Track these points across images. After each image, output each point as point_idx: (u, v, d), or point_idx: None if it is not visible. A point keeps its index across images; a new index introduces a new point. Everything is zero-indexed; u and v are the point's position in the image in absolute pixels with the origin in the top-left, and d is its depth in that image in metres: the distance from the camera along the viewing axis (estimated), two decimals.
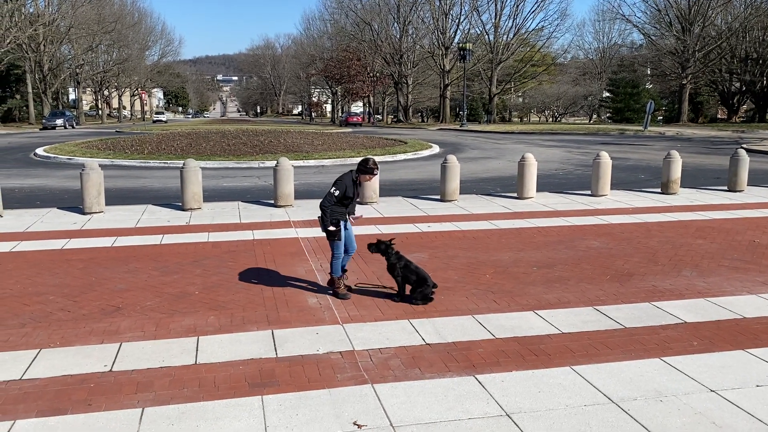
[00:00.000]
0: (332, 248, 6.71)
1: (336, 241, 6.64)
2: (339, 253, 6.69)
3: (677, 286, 7.20)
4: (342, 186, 6.49)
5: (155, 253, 8.71)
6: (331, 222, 6.52)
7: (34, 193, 15.08)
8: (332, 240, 6.65)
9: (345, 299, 6.64)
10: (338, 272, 6.76)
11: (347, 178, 6.56)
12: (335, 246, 6.67)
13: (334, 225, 6.53)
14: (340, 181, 6.53)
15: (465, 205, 12.59)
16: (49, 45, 63.25)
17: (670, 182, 14.06)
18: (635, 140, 34.80)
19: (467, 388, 4.65)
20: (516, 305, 6.51)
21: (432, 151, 27.43)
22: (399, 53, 72.29)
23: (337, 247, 6.67)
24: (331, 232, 6.56)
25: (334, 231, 6.55)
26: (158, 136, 31.01)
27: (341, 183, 6.51)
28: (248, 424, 4.13)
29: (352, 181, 6.59)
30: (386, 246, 6.61)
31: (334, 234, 6.57)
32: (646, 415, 4.25)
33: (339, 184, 6.50)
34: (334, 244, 6.66)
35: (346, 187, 6.53)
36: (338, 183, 6.52)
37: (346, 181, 6.54)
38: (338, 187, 6.48)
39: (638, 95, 65.30)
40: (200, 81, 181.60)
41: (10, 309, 6.38)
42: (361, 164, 6.63)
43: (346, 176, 6.60)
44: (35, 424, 4.12)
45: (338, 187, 6.48)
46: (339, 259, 6.72)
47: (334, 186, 6.52)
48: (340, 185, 6.49)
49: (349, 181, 6.55)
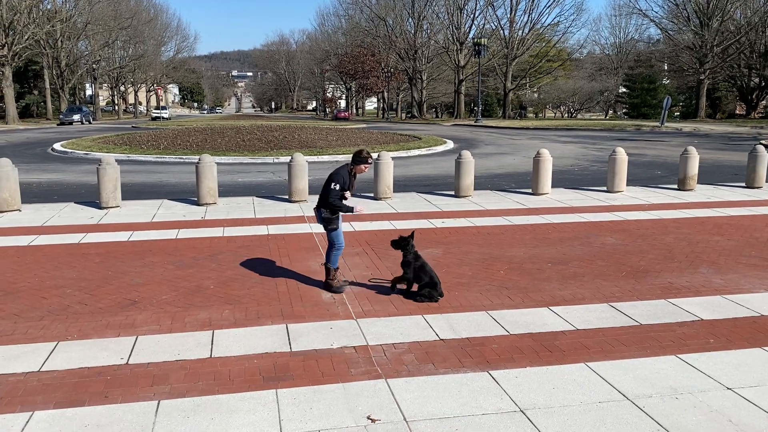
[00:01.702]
0: (333, 240, 6.76)
1: (336, 231, 6.69)
2: (340, 244, 6.75)
3: (694, 283, 7.13)
4: (340, 179, 6.53)
5: (171, 248, 8.77)
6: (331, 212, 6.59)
7: (51, 187, 15.24)
8: (332, 230, 6.69)
9: (339, 293, 6.68)
10: (336, 264, 6.80)
11: (343, 171, 6.61)
12: (336, 236, 6.72)
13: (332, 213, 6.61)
14: (336, 175, 6.55)
15: (479, 201, 12.56)
16: (66, 41, 63.86)
17: (687, 178, 13.92)
18: (651, 136, 34.50)
19: (481, 383, 4.65)
20: (530, 301, 6.49)
21: (446, 147, 27.37)
22: (413, 49, 72.16)
23: (337, 237, 6.73)
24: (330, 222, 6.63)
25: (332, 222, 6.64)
26: (174, 132, 31.21)
27: (338, 176, 6.54)
28: (262, 417, 4.16)
29: (348, 173, 6.65)
30: (406, 242, 6.61)
31: (333, 223, 6.63)
32: (662, 413, 4.22)
33: (337, 178, 6.52)
34: (334, 234, 6.72)
35: (344, 180, 6.57)
36: (336, 177, 6.53)
37: (342, 173, 6.58)
38: (337, 181, 6.50)
39: (655, 91, 64.72)
40: (215, 77, 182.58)
41: (29, 302, 6.46)
42: (356, 155, 6.66)
43: (341, 169, 6.64)
44: (53, 416, 4.17)
45: (337, 180, 6.51)
46: (340, 250, 6.77)
47: (332, 181, 6.52)
48: (338, 178, 6.52)
49: (345, 173, 6.61)
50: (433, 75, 76.74)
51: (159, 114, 76.73)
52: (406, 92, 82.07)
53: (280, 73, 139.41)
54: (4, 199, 11.21)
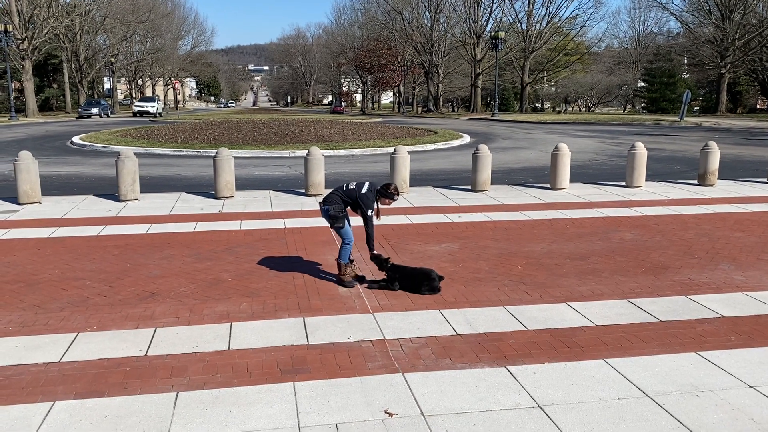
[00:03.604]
0: (341, 236, 6.82)
1: (343, 228, 6.74)
2: (349, 239, 6.79)
3: (714, 279, 7.04)
4: (371, 204, 6.62)
5: (189, 240, 8.83)
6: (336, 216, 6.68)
7: (71, 180, 15.39)
8: (338, 228, 6.76)
9: (350, 287, 6.70)
10: (346, 259, 6.82)
11: (371, 196, 6.66)
12: (344, 233, 6.77)
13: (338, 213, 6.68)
14: (367, 200, 6.61)
15: (496, 195, 12.50)
16: (84, 35, 64.38)
17: (708, 174, 13.75)
18: (671, 131, 34.10)
19: (499, 379, 4.63)
20: (548, 297, 6.45)
21: (463, 141, 27.25)
22: (430, 42, 71.87)
23: (345, 233, 6.77)
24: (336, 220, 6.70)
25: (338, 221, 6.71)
26: (191, 126, 31.38)
27: (369, 201, 6.62)
28: (280, 410, 4.17)
29: (375, 200, 6.72)
30: (380, 263, 6.75)
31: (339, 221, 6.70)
32: (682, 410, 4.17)
33: (368, 203, 6.61)
34: (342, 231, 6.77)
35: (373, 204, 6.67)
36: (367, 201, 6.61)
37: (371, 198, 6.65)
38: (369, 207, 6.61)
39: (674, 85, 63.93)
40: (232, 71, 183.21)
41: (49, 293, 6.53)
42: (384, 188, 6.77)
43: (370, 194, 6.66)
44: (74, 406, 4.21)
45: (369, 206, 6.61)
46: (350, 245, 6.79)
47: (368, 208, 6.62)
48: (369, 203, 6.61)
49: (373, 198, 6.68)
50: (449, 69, 76.40)
51: (143, 108, 58.13)
52: (422, 86, 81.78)
53: (296, 67, 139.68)
54: (25, 191, 11.35)
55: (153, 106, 58.75)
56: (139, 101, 64.40)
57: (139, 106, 59.85)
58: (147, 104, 59.75)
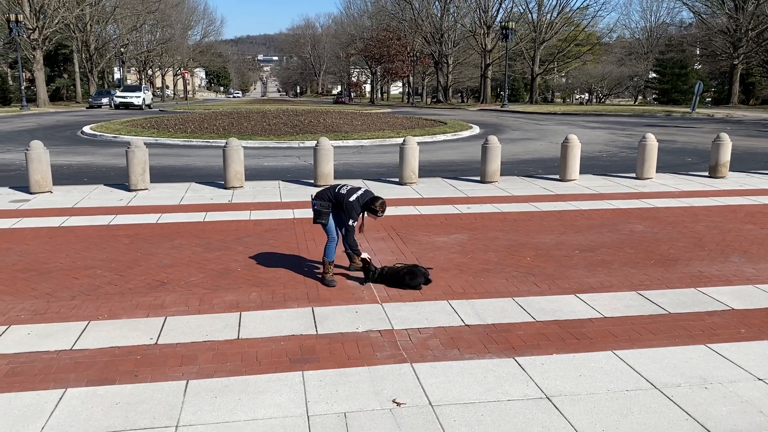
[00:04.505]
0: (327, 233, 6.67)
1: (326, 225, 6.60)
2: (333, 236, 6.65)
3: (725, 272, 7.01)
4: (355, 215, 6.40)
5: (199, 230, 8.87)
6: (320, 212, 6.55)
7: (81, 170, 15.48)
8: (323, 225, 6.61)
9: (332, 286, 6.49)
10: (331, 256, 6.64)
11: (357, 206, 6.42)
12: (327, 230, 6.63)
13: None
14: (353, 209, 6.39)
15: (506, 186, 12.47)
16: (95, 25, 64.52)
17: (719, 165, 13.65)
18: (682, 122, 33.84)
19: (507, 369, 4.63)
20: (557, 288, 6.44)
21: (472, 132, 27.16)
22: (440, 32, 71.52)
23: (329, 230, 6.62)
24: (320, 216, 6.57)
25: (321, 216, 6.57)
26: (201, 116, 31.44)
27: (355, 214, 6.41)
28: (289, 398, 4.20)
29: (361, 211, 6.49)
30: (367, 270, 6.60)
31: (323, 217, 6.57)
32: (691, 402, 4.17)
33: (352, 213, 6.39)
34: (327, 228, 6.62)
35: (357, 214, 6.45)
36: (352, 211, 6.39)
37: (356, 208, 6.40)
38: (351, 216, 6.39)
39: (686, 76, 63.35)
40: (241, 61, 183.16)
41: (61, 282, 6.59)
42: (370, 202, 6.46)
43: (356, 204, 6.41)
44: (85, 393, 4.26)
45: (351, 216, 6.39)
46: (333, 242, 6.65)
47: (350, 218, 6.40)
48: (353, 214, 6.39)
49: (359, 209, 6.43)
50: (459, 59, 76.04)
51: (126, 99, 48.22)
52: (431, 77, 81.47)
53: (306, 57, 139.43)
54: (36, 181, 11.42)
55: (138, 97, 49.26)
56: (122, 91, 51.70)
57: (120, 97, 48.77)
58: (131, 94, 49.38)
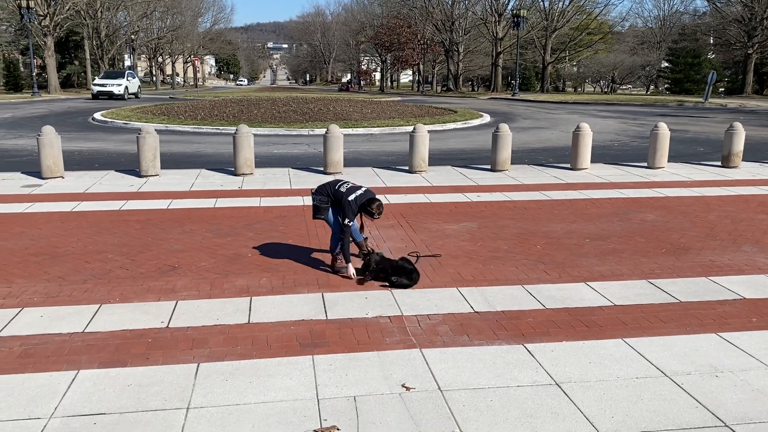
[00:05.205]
0: (330, 226, 6.65)
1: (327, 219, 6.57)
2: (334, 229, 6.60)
3: (736, 261, 6.97)
4: (351, 215, 6.26)
5: (209, 216, 8.90)
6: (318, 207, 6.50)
7: (93, 156, 15.55)
8: (324, 220, 6.60)
9: (341, 273, 6.42)
10: (336, 248, 6.58)
11: (354, 206, 6.28)
12: (329, 224, 6.60)
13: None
14: (349, 209, 6.25)
15: (516, 175, 12.42)
16: (105, 12, 64.52)
17: (732, 155, 13.53)
18: (694, 112, 33.54)
19: (516, 356, 4.64)
20: (567, 276, 6.43)
21: (483, 121, 27.03)
22: (450, 20, 71.05)
23: (332, 224, 6.57)
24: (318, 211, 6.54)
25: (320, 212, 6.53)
26: (211, 103, 31.47)
27: (351, 214, 6.27)
28: (299, 381, 4.22)
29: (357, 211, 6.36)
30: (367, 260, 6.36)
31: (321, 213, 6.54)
32: (701, 390, 4.16)
33: (348, 212, 6.25)
34: (328, 223, 6.60)
35: (354, 215, 6.33)
36: (348, 211, 6.25)
37: (354, 209, 6.28)
38: (350, 219, 6.26)
39: (699, 65, 62.59)
40: (251, 48, 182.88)
41: (73, 266, 6.64)
42: (367, 203, 6.29)
43: (353, 203, 6.27)
44: (97, 375, 4.30)
45: (347, 215, 6.25)
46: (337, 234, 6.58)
47: (346, 217, 6.27)
48: (349, 213, 6.25)
49: (355, 208, 6.30)
50: (470, 47, 75.55)
51: (104, 88, 40.74)
52: (441, 65, 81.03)
53: (315, 45, 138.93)
54: (48, 166, 11.49)
55: (118, 85, 41.31)
56: (102, 77, 44.01)
57: (98, 85, 41.22)
58: (110, 82, 41.56)
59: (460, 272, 6.52)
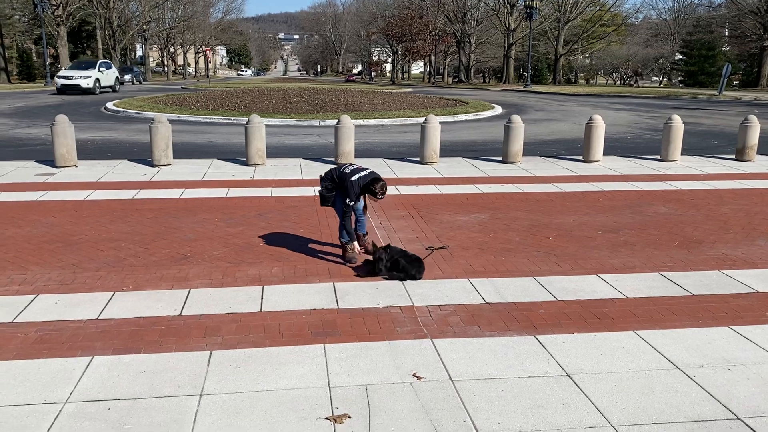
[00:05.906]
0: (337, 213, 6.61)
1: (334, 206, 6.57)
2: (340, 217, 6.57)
3: (750, 255, 6.92)
4: (353, 195, 6.27)
5: (221, 206, 8.94)
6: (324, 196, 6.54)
7: (105, 145, 15.64)
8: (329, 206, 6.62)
9: (352, 263, 6.43)
10: (345, 237, 6.52)
11: (356, 188, 6.28)
12: (338, 210, 6.55)
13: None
14: (351, 189, 6.25)
15: (528, 167, 12.37)
16: (118, 1, 64.74)
17: (746, 148, 13.41)
18: (708, 105, 33.24)
19: (527, 347, 4.64)
20: (579, 268, 6.41)
21: (494, 112, 26.93)
22: (462, 11, 70.73)
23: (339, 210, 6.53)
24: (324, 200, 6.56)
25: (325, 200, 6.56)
26: (222, 93, 31.53)
27: (353, 193, 6.27)
28: (311, 369, 4.25)
29: (360, 191, 6.36)
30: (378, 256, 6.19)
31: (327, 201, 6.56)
32: (713, 383, 4.15)
33: (350, 192, 6.26)
34: (336, 209, 6.57)
35: (356, 196, 6.33)
36: (350, 191, 6.26)
37: (356, 189, 6.27)
38: (350, 196, 6.26)
39: (713, 58, 61.96)
40: (262, 39, 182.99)
41: (87, 254, 6.70)
42: (371, 183, 6.29)
43: (355, 184, 6.26)
44: (111, 361, 4.35)
45: (350, 195, 6.25)
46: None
47: (347, 197, 6.27)
48: (351, 193, 6.26)
49: (357, 189, 6.29)
50: (481, 38, 75.18)
51: (70, 81, 34.80)
52: (453, 56, 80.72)
53: (327, 36, 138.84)
54: (62, 155, 11.57)
55: (86, 77, 35.24)
56: (69, 68, 38.23)
57: (64, 78, 35.30)
58: (77, 74, 35.51)
59: (472, 263, 6.52)
